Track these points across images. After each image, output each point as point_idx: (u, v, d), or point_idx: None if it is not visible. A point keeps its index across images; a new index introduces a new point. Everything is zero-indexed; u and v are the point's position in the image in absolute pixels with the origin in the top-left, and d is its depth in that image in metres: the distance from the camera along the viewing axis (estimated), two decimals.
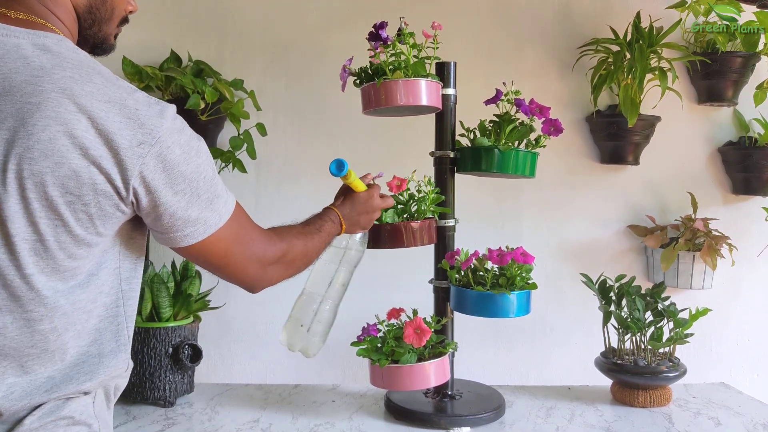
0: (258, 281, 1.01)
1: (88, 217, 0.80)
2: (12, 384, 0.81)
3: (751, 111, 1.91)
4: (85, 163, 0.77)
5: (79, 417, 0.85)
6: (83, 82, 0.80)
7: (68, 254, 0.81)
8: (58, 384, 0.83)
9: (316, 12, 1.93)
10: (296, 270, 1.11)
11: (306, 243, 1.12)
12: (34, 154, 0.76)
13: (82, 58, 0.84)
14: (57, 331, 0.82)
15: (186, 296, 1.59)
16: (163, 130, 0.82)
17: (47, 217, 0.78)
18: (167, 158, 0.82)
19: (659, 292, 1.61)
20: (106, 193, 0.80)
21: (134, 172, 0.80)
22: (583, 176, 1.96)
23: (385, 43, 1.37)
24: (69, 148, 0.77)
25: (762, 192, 1.88)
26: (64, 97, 0.77)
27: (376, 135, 1.91)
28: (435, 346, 1.44)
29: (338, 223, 1.24)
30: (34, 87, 0.78)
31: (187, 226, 0.87)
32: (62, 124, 0.76)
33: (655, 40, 1.77)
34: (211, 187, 0.89)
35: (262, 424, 1.44)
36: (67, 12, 0.90)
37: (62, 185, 0.77)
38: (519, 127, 1.46)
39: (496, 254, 1.40)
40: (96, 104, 0.79)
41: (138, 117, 0.80)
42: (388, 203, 1.34)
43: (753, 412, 1.54)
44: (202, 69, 1.84)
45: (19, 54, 0.80)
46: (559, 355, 1.96)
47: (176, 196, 0.84)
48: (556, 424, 1.45)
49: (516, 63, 1.94)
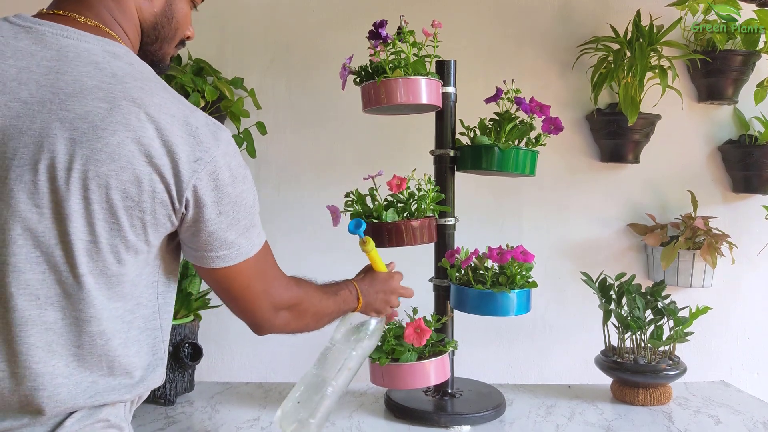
0: (266, 322, 1.02)
1: (141, 224, 0.82)
2: (59, 385, 0.82)
3: (752, 109, 1.91)
4: (149, 170, 0.80)
5: (114, 420, 0.87)
6: (152, 93, 0.83)
7: (117, 259, 0.83)
8: (100, 391, 0.85)
9: (317, 11, 1.93)
10: (304, 325, 1.11)
11: (320, 300, 1.13)
12: (101, 156, 0.78)
13: (147, 71, 0.87)
14: (105, 335, 0.84)
15: (186, 295, 1.59)
16: (219, 152, 0.85)
17: (105, 220, 0.80)
18: (218, 177, 0.85)
19: (659, 291, 1.61)
20: (163, 202, 0.82)
21: (189, 185, 0.82)
22: (583, 175, 1.96)
23: (385, 41, 1.37)
24: (135, 154, 0.79)
25: (762, 190, 1.88)
26: (134, 106, 0.80)
27: (376, 133, 1.91)
28: (435, 344, 1.44)
29: (355, 296, 1.23)
30: (105, 93, 0.80)
31: (222, 248, 0.90)
32: (131, 131, 0.79)
33: (655, 39, 1.77)
34: (250, 215, 0.91)
35: (263, 422, 1.44)
36: (132, 25, 0.93)
37: (124, 189, 0.80)
38: (519, 126, 1.46)
39: (496, 253, 1.40)
40: (163, 116, 0.82)
41: (198, 135, 0.83)
42: (407, 292, 1.32)
43: (753, 410, 1.54)
44: (202, 67, 1.84)
45: (90, 59, 0.83)
46: (559, 353, 1.96)
47: (220, 216, 0.87)
48: (556, 422, 1.45)
49: (516, 61, 1.93)
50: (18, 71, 0.81)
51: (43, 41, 0.84)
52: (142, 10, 0.93)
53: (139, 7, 0.93)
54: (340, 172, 1.90)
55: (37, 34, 0.84)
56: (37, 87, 0.80)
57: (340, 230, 1.42)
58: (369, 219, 1.37)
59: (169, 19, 0.96)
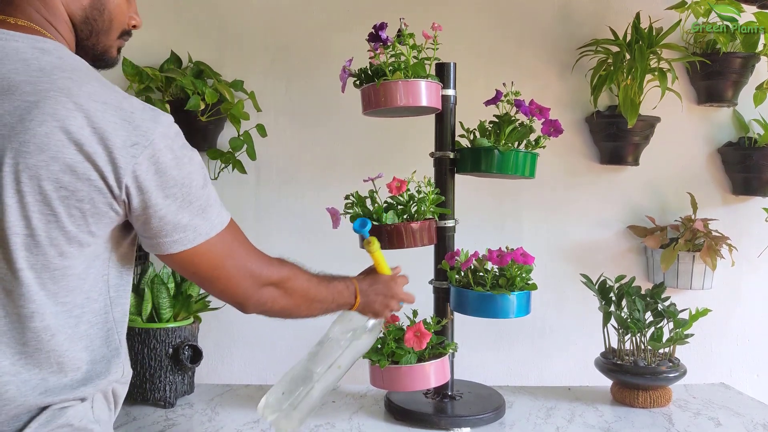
0: (250, 299, 0.99)
1: (81, 214, 0.81)
2: (6, 383, 0.81)
3: (751, 111, 1.92)
4: (80, 158, 0.79)
5: (78, 423, 0.85)
6: (81, 83, 0.82)
7: (59, 252, 0.81)
8: (51, 388, 0.83)
9: (317, 13, 1.94)
10: (295, 305, 1.06)
11: (310, 284, 1.09)
12: (29, 148, 0.77)
13: (78, 63, 0.86)
14: (50, 330, 0.83)
15: (186, 297, 1.59)
16: (156, 134, 0.83)
17: (40, 212, 0.79)
18: (159, 161, 0.83)
19: (659, 293, 1.61)
20: (100, 190, 0.81)
21: (127, 171, 0.81)
22: (583, 177, 1.96)
23: (385, 44, 1.37)
24: (64, 143, 0.78)
25: (762, 192, 1.88)
26: (62, 96, 0.79)
27: (375, 136, 1.91)
28: (435, 346, 1.44)
29: (352, 292, 1.18)
30: (33, 86, 0.80)
31: (177, 231, 0.87)
32: (58, 120, 0.78)
33: (654, 41, 1.77)
34: (203, 196, 0.89)
35: (263, 424, 1.44)
36: (62, 22, 0.91)
37: (57, 180, 0.79)
38: (519, 128, 1.46)
39: (496, 255, 1.40)
40: (93, 104, 0.80)
41: (133, 119, 0.82)
42: (409, 298, 1.28)
43: (753, 412, 1.54)
44: (203, 70, 1.84)
45: (18, 56, 0.83)
46: (559, 355, 1.96)
47: (167, 199, 0.85)
48: (556, 424, 1.45)
49: (516, 64, 1.94)
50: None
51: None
52: (69, 5, 0.91)
53: (66, 2, 0.91)
54: (340, 175, 1.90)
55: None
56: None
57: (340, 232, 1.42)
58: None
59: (100, 11, 0.94)
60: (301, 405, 1.19)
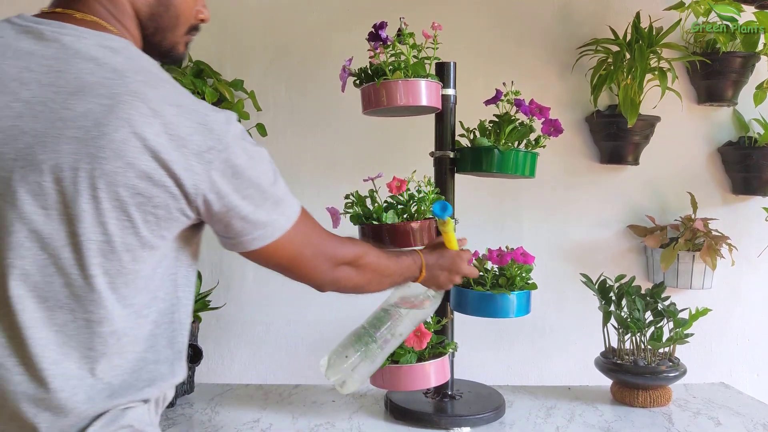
0: (326, 279, 1.02)
1: (155, 219, 0.81)
2: (75, 386, 0.80)
3: (751, 111, 1.92)
4: (156, 165, 0.78)
5: (138, 425, 0.85)
6: (154, 86, 0.81)
7: (133, 257, 0.81)
8: (117, 390, 0.83)
9: (316, 12, 1.94)
10: (367, 281, 1.10)
11: (380, 260, 1.12)
12: (106, 153, 0.76)
13: (148, 63, 0.85)
14: (116, 335, 0.82)
15: None
16: (230, 137, 0.83)
17: (117, 218, 0.79)
18: (235, 163, 0.83)
19: (659, 292, 1.61)
20: (175, 196, 0.81)
21: (204, 177, 0.81)
22: (583, 176, 1.96)
23: (384, 43, 1.37)
24: (141, 149, 0.77)
25: (762, 192, 1.88)
26: (137, 100, 0.78)
27: (375, 135, 1.91)
28: (435, 346, 1.44)
29: (419, 266, 1.23)
30: (107, 89, 0.78)
31: (256, 229, 0.88)
32: (134, 126, 0.77)
33: (654, 41, 1.77)
34: (277, 191, 0.90)
35: (263, 424, 1.44)
36: (129, 18, 0.90)
37: (133, 186, 0.78)
38: (519, 128, 1.46)
39: (496, 254, 1.40)
40: (167, 108, 0.80)
41: (207, 122, 0.82)
42: (472, 272, 1.31)
43: (753, 412, 1.54)
44: (202, 69, 1.84)
45: (89, 55, 0.81)
46: (558, 355, 1.96)
47: (245, 200, 0.85)
48: (556, 424, 1.45)
49: (516, 63, 1.94)
50: (19, 71, 0.80)
51: (42, 40, 0.82)
52: (135, 2, 0.90)
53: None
54: (339, 174, 1.90)
55: (36, 33, 0.83)
56: (38, 86, 0.79)
57: (340, 232, 1.42)
58: (369, 221, 1.37)
59: (166, 7, 0.92)
60: (362, 368, 1.27)
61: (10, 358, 0.78)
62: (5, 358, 0.78)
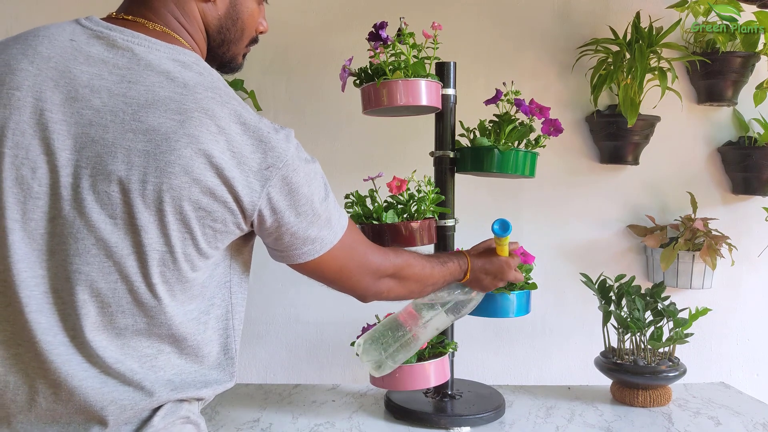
0: (369, 291, 1.05)
1: (213, 232, 0.84)
2: (141, 379, 0.83)
3: (751, 111, 1.92)
4: (219, 182, 0.81)
5: (192, 417, 0.89)
6: (222, 103, 0.83)
7: (191, 266, 0.84)
8: (177, 387, 0.86)
9: (316, 12, 1.94)
10: (409, 291, 1.13)
11: (425, 268, 1.15)
12: (175, 169, 0.78)
13: (218, 80, 0.87)
14: (174, 338, 0.85)
15: None
16: (289, 155, 0.86)
17: (179, 230, 0.81)
18: (292, 181, 0.86)
19: (659, 292, 1.61)
20: (232, 211, 0.83)
21: (262, 194, 0.83)
22: (583, 176, 1.96)
23: (385, 43, 1.37)
24: (207, 166, 0.80)
25: (762, 192, 1.88)
26: (206, 117, 0.80)
27: (376, 135, 1.91)
28: (435, 346, 1.44)
29: (465, 269, 1.25)
30: (177, 104, 0.80)
31: (306, 244, 0.91)
32: (202, 143, 0.79)
33: (654, 40, 1.77)
34: (328, 207, 0.93)
35: (262, 423, 1.44)
36: (198, 30, 0.92)
37: (196, 201, 0.80)
38: (519, 127, 1.46)
39: None
40: (233, 126, 0.82)
41: (269, 140, 0.84)
42: (518, 278, 1.33)
43: (753, 411, 1.54)
44: None
45: (161, 68, 0.83)
46: (558, 354, 1.96)
47: (298, 217, 0.88)
48: (556, 423, 1.45)
49: (516, 63, 1.94)
50: (90, 78, 0.81)
51: (114, 47, 0.83)
52: (206, 14, 0.92)
53: (203, 11, 0.92)
54: (340, 174, 1.90)
55: (108, 40, 0.84)
56: (109, 95, 0.80)
57: None
58: (369, 220, 1.37)
59: (234, 21, 0.95)
60: (397, 356, 1.30)
61: (75, 356, 0.81)
62: (70, 356, 0.81)
